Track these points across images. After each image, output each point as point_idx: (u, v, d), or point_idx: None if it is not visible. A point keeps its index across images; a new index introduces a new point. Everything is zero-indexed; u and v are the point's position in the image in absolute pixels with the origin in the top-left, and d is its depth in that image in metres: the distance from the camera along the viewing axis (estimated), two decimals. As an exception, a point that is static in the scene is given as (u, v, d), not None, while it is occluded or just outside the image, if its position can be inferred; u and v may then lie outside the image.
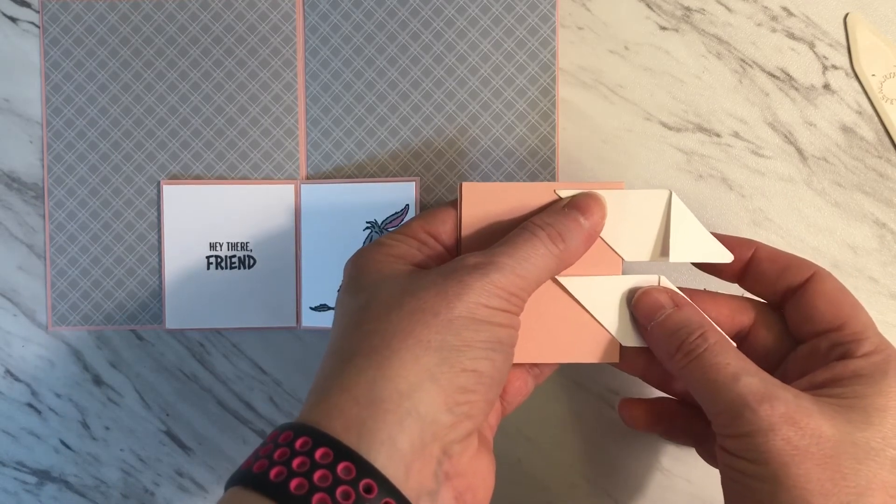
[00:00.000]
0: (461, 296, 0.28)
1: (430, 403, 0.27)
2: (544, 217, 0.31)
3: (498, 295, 0.28)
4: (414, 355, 0.27)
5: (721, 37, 0.41)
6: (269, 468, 0.25)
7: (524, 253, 0.29)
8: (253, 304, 0.42)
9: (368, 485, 0.25)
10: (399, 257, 0.31)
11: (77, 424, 0.43)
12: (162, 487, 0.43)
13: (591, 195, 0.32)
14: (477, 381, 0.28)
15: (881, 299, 0.41)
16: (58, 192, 0.43)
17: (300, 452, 0.25)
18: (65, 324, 0.43)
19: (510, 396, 0.34)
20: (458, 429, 0.27)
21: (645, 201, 0.33)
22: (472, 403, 0.28)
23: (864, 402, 0.27)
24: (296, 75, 0.42)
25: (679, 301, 0.32)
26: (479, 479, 0.29)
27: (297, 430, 0.26)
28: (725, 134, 0.41)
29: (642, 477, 0.41)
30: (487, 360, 0.28)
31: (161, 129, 0.42)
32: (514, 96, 0.41)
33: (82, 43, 0.42)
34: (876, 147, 0.41)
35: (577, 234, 0.31)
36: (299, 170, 0.42)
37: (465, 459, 0.28)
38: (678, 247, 0.33)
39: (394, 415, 0.26)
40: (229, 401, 0.43)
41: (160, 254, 0.42)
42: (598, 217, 0.32)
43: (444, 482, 0.27)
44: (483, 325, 0.28)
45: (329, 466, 0.25)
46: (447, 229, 0.33)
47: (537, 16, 0.41)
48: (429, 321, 0.27)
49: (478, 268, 0.28)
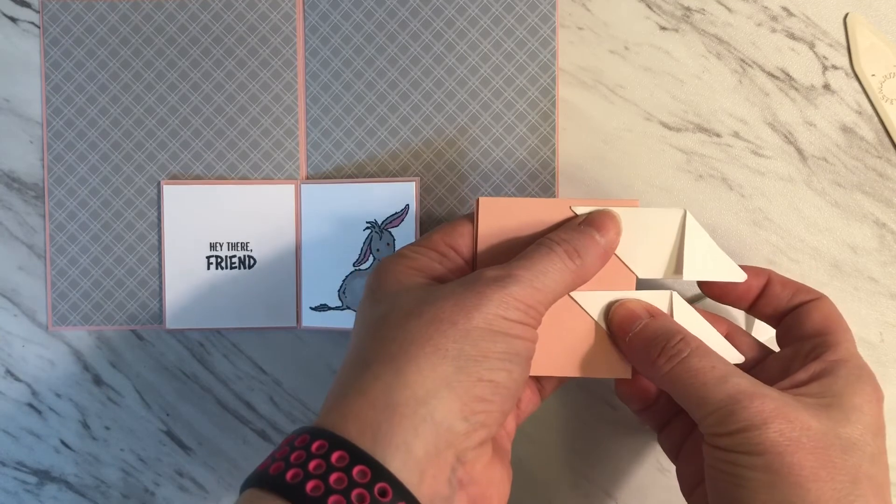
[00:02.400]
0: (479, 307, 0.28)
1: (445, 411, 0.27)
2: (561, 233, 0.32)
3: (516, 307, 0.29)
4: (431, 363, 0.27)
5: (721, 37, 0.41)
6: (286, 470, 0.26)
7: (542, 267, 0.30)
8: (253, 304, 0.42)
9: (383, 488, 0.25)
10: (419, 269, 0.32)
11: (77, 424, 0.43)
12: (162, 487, 0.43)
13: (606, 213, 0.33)
14: (493, 392, 0.28)
15: (881, 299, 0.41)
16: (58, 192, 0.43)
17: (316, 455, 0.26)
18: (65, 324, 0.43)
19: (523, 406, 0.35)
20: (473, 437, 0.28)
21: (660, 219, 0.33)
22: (487, 413, 0.28)
23: (842, 401, 0.29)
24: (296, 75, 0.42)
25: (654, 311, 0.33)
26: (493, 488, 0.29)
27: (314, 434, 0.26)
28: (725, 134, 0.41)
29: (642, 477, 0.41)
30: (504, 370, 0.28)
31: (161, 129, 0.42)
32: (514, 96, 0.41)
33: (82, 43, 0.42)
34: (876, 147, 0.41)
35: (593, 250, 0.31)
36: (299, 170, 0.42)
37: (480, 467, 0.28)
38: (692, 265, 0.33)
39: (409, 420, 0.26)
40: (229, 401, 0.43)
41: (160, 254, 0.42)
42: (613, 234, 0.32)
43: (457, 489, 0.27)
44: (500, 336, 0.28)
45: (345, 469, 0.25)
46: (467, 242, 0.33)
47: (537, 16, 0.41)
48: (446, 330, 0.28)
49: (497, 280, 0.29)
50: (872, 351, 0.41)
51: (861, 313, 0.41)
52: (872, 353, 0.41)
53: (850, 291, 0.41)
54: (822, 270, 0.41)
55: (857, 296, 0.41)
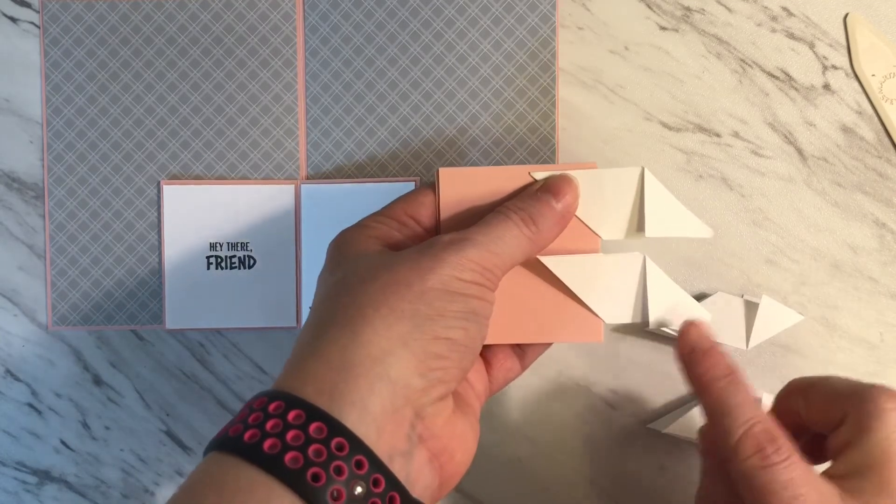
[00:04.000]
0: (434, 269, 0.29)
1: (401, 368, 0.27)
2: (517, 201, 0.32)
3: (471, 269, 0.29)
4: (386, 323, 0.28)
5: (721, 37, 0.41)
6: (244, 431, 0.26)
7: (498, 233, 0.30)
8: (253, 304, 0.42)
9: (340, 443, 0.25)
10: (378, 237, 0.32)
11: (77, 424, 0.43)
12: (162, 487, 0.43)
13: (563, 177, 0.33)
14: (450, 349, 0.28)
15: (881, 299, 0.41)
16: (58, 192, 0.43)
17: (273, 415, 0.26)
18: (65, 324, 0.43)
19: (496, 372, 0.35)
20: (430, 393, 0.28)
21: (618, 179, 0.33)
22: (445, 370, 0.29)
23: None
24: (296, 75, 0.42)
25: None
26: (456, 442, 0.30)
27: (271, 396, 0.27)
28: (725, 134, 0.41)
29: (642, 477, 0.41)
30: (461, 328, 0.29)
31: (161, 129, 0.42)
32: (514, 96, 0.41)
33: (82, 43, 0.42)
34: (876, 147, 0.41)
35: (550, 216, 0.32)
36: (299, 170, 0.42)
37: (440, 422, 0.29)
38: (654, 222, 0.33)
39: (365, 378, 0.27)
40: (229, 401, 0.43)
41: (160, 254, 0.42)
42: (570, 199, 0.32)
43: (417, 444, 0.28)
44: (456, 296, 0.29)
45: (301, 427, 0.26)
46: (427, 212, 0.33)
47: (537, 16, 0.41)
48: (402, 292, 0.28)
49: (453, 244, 0.29)
50: (872, 351, 0.41)
51: (861, 313, 0.41)
52: (872, 353, 0.41)
53: (850, 291, 0.41)
54: (822, 270, 0.41)
55: (857, 296, 0.41)
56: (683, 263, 0.41)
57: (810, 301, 0.41)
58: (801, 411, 0.33)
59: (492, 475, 0.42)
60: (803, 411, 0.33)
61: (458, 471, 0.30)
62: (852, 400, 0.31)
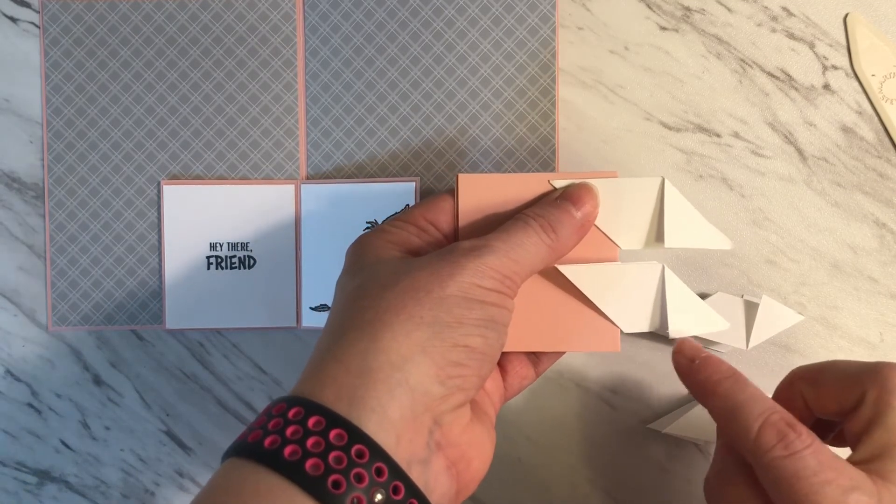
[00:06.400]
0: (454, 276, 0.28)
1: (420, 375, 0.27)
2: (537, 209, 0.32)
3: (491, 276, 0.29)
4: (406, 329, 0.28)
5: (721, 37, 0.41)
6: (264, 437, 0.26)
7: (518, 240, 0.30)
8: (253, 304, 0.42)
9: (360, 450, 0.25)
10: (397, 243, 0.32)
11: (77, 424, 0.43)
12: (162, 487, 0.43)
13: (583, 186, 0.33)
14: (469, 356, 0.28)
15: (881, 299, 0.41)
16: (58, 192, 0.43)
17: (293, 421, 0.26)
18: (65, 324, 0.43)
19: (511, 379, 0.35)
20: (449, 400, 0.28)
21: (639, 189, 0.33)
22: (464, 377, 0.28)
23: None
24: (296, 75, 0.42)
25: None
26: (473, 450, 0.30)
27: (290, 402, 0.27)
28: (725, 134, 0.41)
29: (642, 477, 0.41)
30: (480, 336, 0.29)
31: (161, 129, 0.42)
32: (514, 96, 0.41)
33: (82, 43, 0.42)
34: (876, 147, 0.41)
35: (569, 225, 0.31)
36: (299, 170, 0.42)
37: (458, 430, 0.29)
38: (673, 233, 0.33)
39: (384, 384, 0.27)
40: (229, 401, 0.43)
41: (160, 254, 0.42)
42: (590, 207, 0.32)
43: (435, 451, 0.28)
44: (475, 303, 0.29)
45: (321, 433, 0.25)
46: (446, 218, 0.33)
47: (537, 16, 0.41)
48: (421, 298, 0.28)
49: (472, 250, 0.29)
50: (872, 351, 0.41)
51: (861, 313, 0.41)
52: (872, 353, 0.41)
53: (850, 291, 0.41)
54: (822, 270, 0.41)
55: (857, 296, 0.41)
56: (683, 263, 0.41)
57: (810, 301, 0.41)
58: (809, 399, 0.33)
59: (492, 475, 0.42)
60: (811, 399, 0.33)
61: (475, 478, 0.30)
62: (869, 378, 0.30)
